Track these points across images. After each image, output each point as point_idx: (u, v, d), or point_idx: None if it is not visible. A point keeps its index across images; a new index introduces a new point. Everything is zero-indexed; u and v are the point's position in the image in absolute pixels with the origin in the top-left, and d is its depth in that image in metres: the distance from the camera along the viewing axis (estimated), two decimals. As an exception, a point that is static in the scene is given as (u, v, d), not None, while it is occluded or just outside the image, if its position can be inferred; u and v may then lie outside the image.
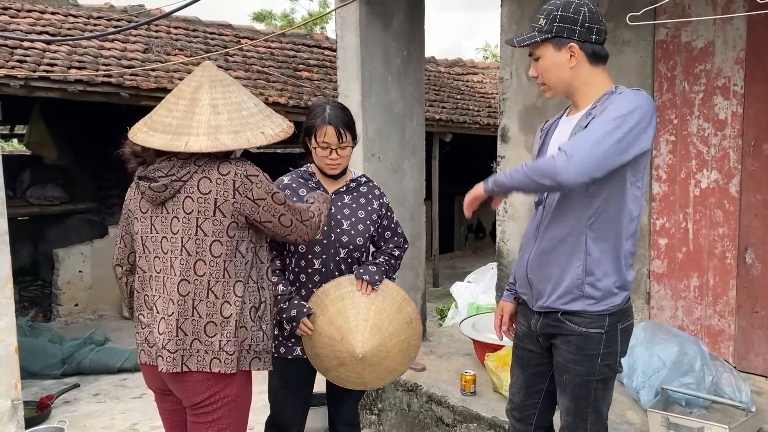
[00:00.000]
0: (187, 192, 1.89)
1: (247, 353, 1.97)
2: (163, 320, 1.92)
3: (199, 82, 1.93)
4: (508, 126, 4.53)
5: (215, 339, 1.90)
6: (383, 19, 3.81)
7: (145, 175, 1.92)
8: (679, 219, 3.66)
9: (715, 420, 2.74)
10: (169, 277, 1.92)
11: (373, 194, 2.58)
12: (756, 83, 3.34)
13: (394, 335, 2.35)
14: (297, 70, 8.25)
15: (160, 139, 1.86)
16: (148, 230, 1.96)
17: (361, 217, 2.50)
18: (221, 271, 1.91)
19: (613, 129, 1.79)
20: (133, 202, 2.02)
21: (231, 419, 1.99)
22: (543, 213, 2.08)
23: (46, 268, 7.86)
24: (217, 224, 1.88)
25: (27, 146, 7.84)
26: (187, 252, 1.90)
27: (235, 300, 1.93)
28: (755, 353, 3.47)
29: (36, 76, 5.53)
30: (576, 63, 1.94)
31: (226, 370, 1.91)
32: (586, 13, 1.92)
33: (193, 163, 1.89)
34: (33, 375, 4.88)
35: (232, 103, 1.92)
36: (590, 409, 2.02)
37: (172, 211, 1.91)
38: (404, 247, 2.65)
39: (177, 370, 1.89)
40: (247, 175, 1.90)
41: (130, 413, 4.27)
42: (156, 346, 1.93)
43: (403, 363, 2.45)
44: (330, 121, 2.36)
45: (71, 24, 7.09)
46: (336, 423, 2.70)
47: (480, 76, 11.70)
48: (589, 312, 1.96)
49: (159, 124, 1.90)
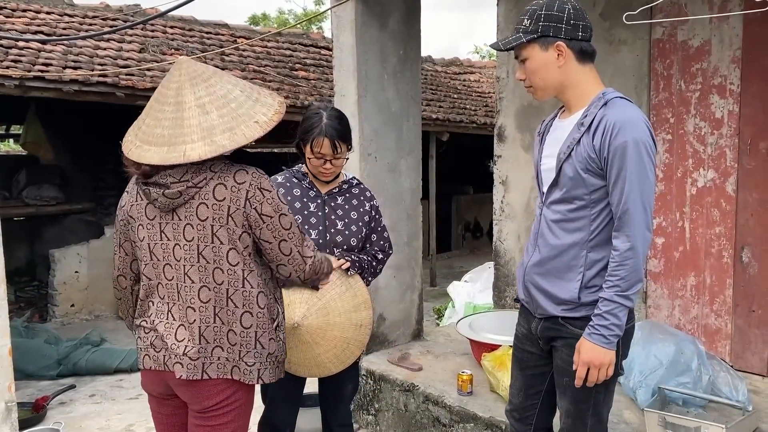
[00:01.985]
0: (201, 198, 1.83)
1: (263, 364, 1.94)
2: (182, 327, 1.88)
3: (180, 83, 1.85)
4: (505, 125, 4.53)
5: (236, 348, 1.88)
6: (379, 19, 3.80)
7: (155, 181, 1.84)
8: (676, 218, 3.66)
9: (712, 419, 2.74)
10: (184, 285, 1.87)
11: (365, 196, 2.60)
12: (752, 82, 3.34)
13: (338, 327, 2.32)
14: (293, 69, 8.23)
15: (157, 154, 1.79)
16: (157, 237, 1.89)
17: (354, 218, 2.51)
18: (240, 280, 1.87)
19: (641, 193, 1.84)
20: (135, 208, 1.94)
21: (240, 421, 1.97)
22: (540, 223, 2.07)
23: (42, 268, 7.83)
24: (230, 232, 1.84)
25: (23, 146, 7.81)
26: (205, 259, 1.85)
27: (258, 311, 1.90)
28: (752, 352, 3.47)
29: (31, 76, 5.51)
30: (564, 62, 1.93)
31: (245, 380, 1.89)
32: (570, 10, 1.91)
33: (209, 169, 1.84)
34: (29, 376, 4.86)
35: (219, 98, 1.85)
36: (590, 412, 2.01)
37: (185, 218, 1.85)
38: (388, 252, 2.63)
39: (197, 377, 1.86)
40: (260, 188, 1.85)
41: (127, 414, 4.25)
42: (170, 352, 1.88)
43: (333, 362, 2.40)
44: (326, 133, 2.35)
45: (66, 24, 7.07)
46: (330, 424, 2.70)
47: (477, 75, 11.70)
48: (590, 316, 1.95)
49: (150, 135, 1.83)
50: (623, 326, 1.88)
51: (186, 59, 1.93)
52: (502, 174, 4.56)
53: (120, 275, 2.07)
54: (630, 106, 1.91)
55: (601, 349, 1.87)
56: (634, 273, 1.85)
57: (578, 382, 1.92)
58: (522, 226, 4.44)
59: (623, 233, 1.86)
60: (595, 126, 1.88)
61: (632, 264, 1.84)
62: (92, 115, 7.46)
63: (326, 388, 2.62)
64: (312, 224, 2.47)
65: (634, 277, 1.85)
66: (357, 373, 2.74)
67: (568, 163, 1.93)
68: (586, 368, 1.89)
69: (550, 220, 2.01)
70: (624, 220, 1.86)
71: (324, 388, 2.64)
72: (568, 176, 1.93)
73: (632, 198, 1.83)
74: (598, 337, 1.87)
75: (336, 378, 2.53)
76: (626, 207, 1.84)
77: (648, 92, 3.72)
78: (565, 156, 1.94)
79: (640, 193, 1.83)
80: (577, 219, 1.95)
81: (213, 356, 1.87)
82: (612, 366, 1.89)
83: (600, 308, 1.88)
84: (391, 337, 4.07)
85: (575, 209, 1.95)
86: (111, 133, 7.65)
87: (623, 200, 1.85)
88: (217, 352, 1.87)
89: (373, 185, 3.80)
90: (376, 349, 3.96)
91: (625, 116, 1.85)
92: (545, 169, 2.05)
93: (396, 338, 4.10)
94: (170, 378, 1.91)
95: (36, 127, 7.32)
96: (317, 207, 2.49)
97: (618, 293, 1.85)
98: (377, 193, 3.83)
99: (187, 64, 1.90)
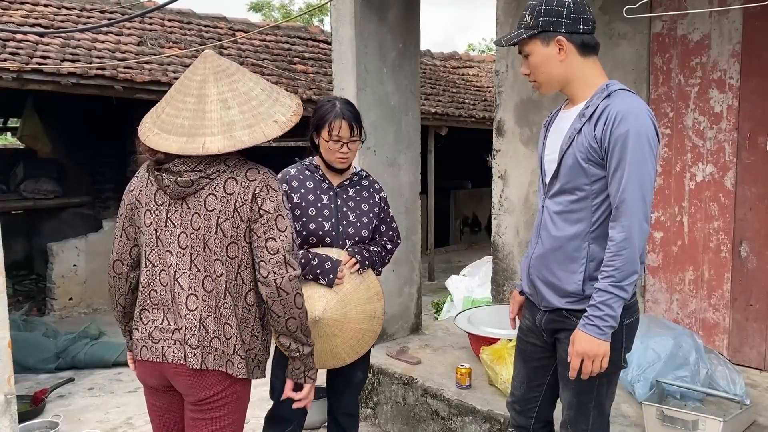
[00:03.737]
0: (211, 189, 1.86)
1: (252, 362, 1.96)
2: (184, 315, 1.89)
3: (204, 76, 1.88)
4: (503, 119, 4.53)
5: (230, 342, 1.90)
6: (378, 12, 3.79)
7: (169, 168, 1.87)
8: (675, 212, 3.66)
9: (710, 413, 2.75)
10: (185, 273, 1.89)
11: (374, 188, 2.64)
12: (752, 76, 3.34)
13: (355, 319, 2.39)
14: (292, 63, 8.21)
15: (176, 143, 1.82)
16: (163, 223, 1.91)
17: (365, 210, 2.56)
18: (234, 273, 1.89)
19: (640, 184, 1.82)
20: (144, 194, 1.95)
21: (236, 415, 1.98)
22: (543, 215, 2.07)
23: (40, 262, 7.82)
24: (234, 226, 1.86)
25: (20, 140, 7.78)
26: (210, 249, 1.87)
27: (244, 307, 1.92)
28: (749, 346, 3.48)
29: (29, 69, 5.49)
30: (566, 56, 1.93)
31: (237, 374, 1.90)
32: (570, 4, 1.91)
33: (223, 163, 1.87)
34: (27, 369, 4.86)
35: (241, 94, 1.87)
36: (593, 404, 2.01)
37: (194, 207, 1.87)
38: (397, 242, 2.69)
39: (196, 366, 1.87)
40: (267, 185, 1.88)
41: (125, 407, 4.26)
42: (170, 341, 1.90)
43: (348, 353, 2.47)
44: (343, 115, 2.41)
45: (64, 16, 7.03)
46: (336, 413, 2.71)
47: (476, 69, 11.67)
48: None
49: (170, 125, 1.85)
50: (618, 317, 1.87)
51: (211, 53, 1.94)
52: (500, 168, 4.56)
53: (117, 260, 2.05)
54: (633, 98, 1.90)
55: (596, 340, 1.86)
56: (629, 264, 1.83)
57: (572, 374, 1.92)
58: (520, 221, 4.44)
59: (619, 223, 1.85)
60: (597, 115, 1.88)
61: (627, 255, 1.83)
62: (90, 109, 7.44)
63: (336, 375, 2.64)
64: (325, 216, 2.49)
65: (629, 268, 1.84)
66: (368, 362, 2.76)
67: (569, 152, 1.93)
68: (580, 359, 1.89)
69: (553, 211, 2.01)
70: (621, 210, 1.85)
71: (331, 376, 2.66)
72: (569, 165, 1.93)
73: (630, 188, 1.82)
74: (592, 328, 1.86)
75: (347, 366, 2.56)
76: (624, 197, 1.83)
77: (647, 86, 3.72)
78: (567, 146, 1.94)
79: (639, 184, 1.82)
80: (578, 210, 1.95)
81: (211, 347, 1.88)
82: (606, 357, 1.88)
83: (595, 299, 1.87)
84: (390, 330, 4.08)
85: (577, 200, 1.95)
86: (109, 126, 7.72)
87: (621, 190, 1.84)
88: (215, 343, 1.89)
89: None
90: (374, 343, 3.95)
91: (628, 106, 1.85)
92: (548, 160, 2.05)
93: (394, 332, 4.10)
94: (167, 369, 1.92)
95: (33, 120, 7.29)
96: (329, 199, 2.52)
97: (612, 284, 1.84)
98: (376, 187, 3.85)
99: (212, 57, 1.92)
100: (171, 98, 1.91)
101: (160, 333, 1.92)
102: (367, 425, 3.76)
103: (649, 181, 1.85)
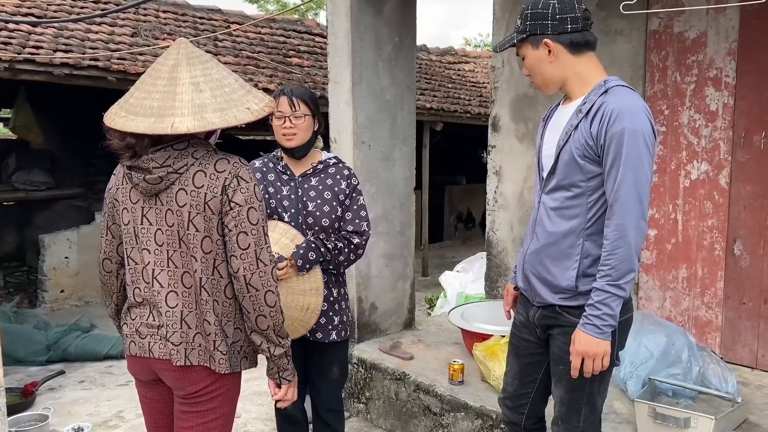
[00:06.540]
0: (181, 184, 1.83)
1: (238, 354, 1.94)
2: (165, 312, 1.88)
3: (176, 60, 1.85)
4: (499, 115, 4.51)
5: (210, 338, 1.88)
6: (375, 5, 3.76)
7: (138, 165, 1.83)
8: (669, 210, 3.67)
9: (702, 410, 2.75)
10: (164, 270, 1.88)
11: (342, 174, 2.57)
12: (748, 75, 3.34)
13: (285, 306, 2.30)
14: (287, 56, 8.17)
15: (143, 123, 1.77)
16: (139, 221, 1.90)
17: (327, 198, 2.51)
18: (211, 268, 1.87)
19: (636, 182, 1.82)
20: (120, 192, 1.94)
21: (225, 408, 1.97)
22: (539, 211, 2.07)
23: (32, 253, 7.77)
24: (207, 220, 1.83)
25: (13, 130, 7.73)
26: (185, 245, 1.85)
27: (224, 300, 1.90)
28: (742, 344, 3.49)
29: (21, 59, 5.44)
30: (555, 57, 1.94)
31: (220, 369, 1.89)
32: (555, 5, 1.91)
33: (191, 156, 1.83)
34: (18, 361, 4.82)
35: (214, 80, 1.84)
36: (585, 401, 2.02)
37: (166, 203, 1.85)
38: (365, 234, 2.55)
39: (180, 363, 1.86)
40: (237, 176, 1.84)
41: (116, 400, 4.23)
42: (154, 337, 1.90)
43: None
44: (284, 91, 2.48)
45: (57, 6, 6.97)
46: (318, 409, 2.69)
47: (471, 65, 11.66)
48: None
49: (138, 107, 1.81)
50: (617, 316, 1.87)
51: (185, 40, 1.92)
52: (496, 164, 4.55)
53: (106, 258, 2.05)
54: (631, 94, 1.89)
55: (595, 340, 1.86)
56: (625, 262, 1.83)
57: (574, 373, 1.92)
58: (515, 217, 4.43)
59: (614, 222, 1.84)
60: (594, 112, 1.88)
61: (623, 253, 1.83)
62: (83, 100, 7.38)
63: (312, 372, 2.62)
64: (285, 207, 2.50)
65: (625, 267, 1.83)
66: (345, 358, 2.73)
67: (566, 148, 1.93)
68: (580, 359, 1.89)
69: (549, 207, 2.01)
70: (616, 209, 1.84)
71: (309, 369, 2.64)
72: (565, 161, 1.93)
73: (625, 187, 1.82)
74: (591, 328, 1.86)
75: (321, 359, 2.57)
76: (618, 195, 1.83)
77: (643, 83, 3.71)
78: (564, 142, 1.94)
79: (635, 182, 1.82)
80: (574, 206, 1.95)
81: (194, 342, 1.87)
82: (607, 356, 1.88)
83: (592, 298, 1.87)
84: (383, 326, 4.07)
85: (572, 197, 1.95)
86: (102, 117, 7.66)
87: (616, 188, 1.83)
88: (198, 338, 1.88)
89: (366, 173, 3.79)
90: (367, 338, 3.96)
91: (625, 104, 1.84)
92: (545, 156, 2.05)
93: (387, 327, 4.10)
94: (154, 364, 1.92)
95: (26, 111, 7.24)
96: (290, 190, 2.52)
97: (609, 282, 1.84)
98: (370, 182, 3.83)
99: (186, 44, 1.90)
100: (141, 83, 1.87)
101: (146, 329, 1.91)
102: (359, 420, 3.75)
103: (645, 180, 1.84)
